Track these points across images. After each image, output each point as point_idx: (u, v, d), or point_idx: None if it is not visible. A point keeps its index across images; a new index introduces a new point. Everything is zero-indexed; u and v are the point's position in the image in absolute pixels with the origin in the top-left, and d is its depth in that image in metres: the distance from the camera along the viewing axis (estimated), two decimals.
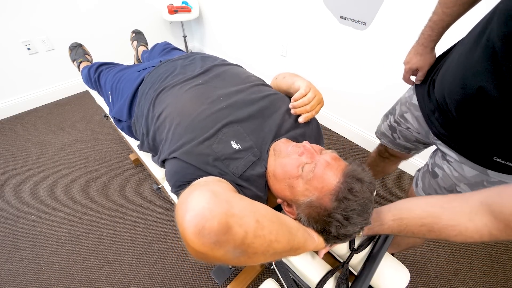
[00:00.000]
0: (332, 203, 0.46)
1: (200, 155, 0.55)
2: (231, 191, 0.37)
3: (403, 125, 0.84)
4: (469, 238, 0.43)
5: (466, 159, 0.61)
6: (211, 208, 0.30)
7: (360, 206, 0.46)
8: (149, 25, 2.36)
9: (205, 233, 0.29)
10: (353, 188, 0.45)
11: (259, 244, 0.33)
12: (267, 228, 0.35)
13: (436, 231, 0.46)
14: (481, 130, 0.55)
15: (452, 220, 0.44)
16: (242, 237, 0.31)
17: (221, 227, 0.30)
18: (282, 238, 0.37)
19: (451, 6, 0.65)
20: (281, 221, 0.39)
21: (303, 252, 0.47)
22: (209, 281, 1.11)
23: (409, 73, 0.81)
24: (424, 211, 0.49)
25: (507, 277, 1.13)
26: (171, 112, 0.65)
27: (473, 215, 0.42)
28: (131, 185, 1.49)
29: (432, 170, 0.72)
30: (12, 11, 1.69)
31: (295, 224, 0.45)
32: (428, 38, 0.73)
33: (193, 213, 0.30)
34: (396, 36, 1.25)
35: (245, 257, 0.34)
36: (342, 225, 0.47)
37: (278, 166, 0.55)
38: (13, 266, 1.14)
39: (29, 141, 1.75)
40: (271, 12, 1.79)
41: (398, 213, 0.54)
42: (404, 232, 0.52)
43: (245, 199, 0.37)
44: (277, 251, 0.37)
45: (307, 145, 0.54)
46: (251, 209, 0.35)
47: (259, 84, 0.73)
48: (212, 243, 0.30)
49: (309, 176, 0.49)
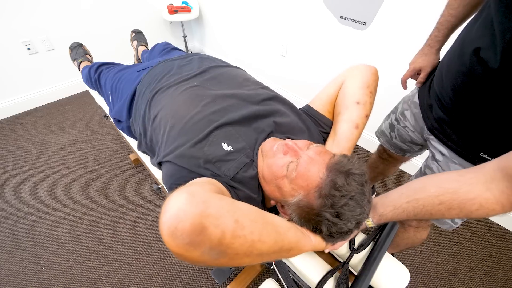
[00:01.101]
0: (317, 201, 0.44)
1: (191, 158, 0.55)
2: (212, 192, 0.36)
3: (402, 123, 0.85)
4: (491, 211, 0.40)
5: (455, 154, 0.63)
6: (185, 209, 0.30)
7: (350, 200, 0.43)
8: (149, 25, 2.36)
9: (178, 234, 0.29)
10: (336, 182, 0.43)
11: (239, 245, 0.32)
12: (248, 228, 0.34)
13: (456, 208, 0.43)
14: (473, 120, 0.57)
15: (470, 193, 0.42)
16: (219, 238, 0.31)
17: (194, 228, 0.29)
18: (267, 238, 0.36)
19: (455, 7, 0.67)
20: (266, 221, 0.38)
21: (299, 252, 0.45)
22: (209, 281, 1.11)
23: (411, 73, 0.82)
24: (440, 187, 0.46)
25: (507, 277, 1.13)
26: (166, 114, 0.65)
27: (489, 184, 0.40)
28: (131, 185, 1.49)
29: (423, 172, 0.75)
30: (12, 11, 1.69)
31: (285, 224, 0.43)
32: (434, 39, 0.75)
33: (168, 215, 0.30)
34: (396, 36, 1.25)
35: (225, 259, 0.33)
36: (333, 222, 0.44)
37: (265, 167, 0.53)
38: (13, 266, 1.14)
39: (29, 141, 1.75)
40: (271, 12, 1.79)
41: (412, 194, 0.50)
42: (421, 215, 0.49)
43: (225, 199, 0.35)
44: (263, 252, 0.36)
45: (290, 142, 0.51)
46: (229, 209, 0.33)
47: (257, 88, 0.72)
48: (186, 244, 0.29)
49: (293, 175, 0.47)
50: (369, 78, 0.65)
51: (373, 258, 0.59)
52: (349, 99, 0.64)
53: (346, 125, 0.63)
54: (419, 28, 1.16)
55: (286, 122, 0.65)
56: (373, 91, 0.65)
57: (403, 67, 0.84)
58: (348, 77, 0.67)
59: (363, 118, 0.63)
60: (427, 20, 1.12)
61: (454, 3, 0.67)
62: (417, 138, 0.81)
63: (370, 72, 0.65)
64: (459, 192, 0.43)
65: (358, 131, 0.62)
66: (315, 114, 0.71)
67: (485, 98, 0.52)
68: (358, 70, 0.66)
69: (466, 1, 0.66)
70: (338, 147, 0.62)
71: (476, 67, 0.51)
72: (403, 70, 0.85)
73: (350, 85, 0.65)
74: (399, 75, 0.86)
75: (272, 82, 2.14)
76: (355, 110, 0.63)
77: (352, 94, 0.64)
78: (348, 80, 0.66)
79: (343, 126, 0.63)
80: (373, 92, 0.65)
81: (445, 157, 0.66)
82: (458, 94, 0.58)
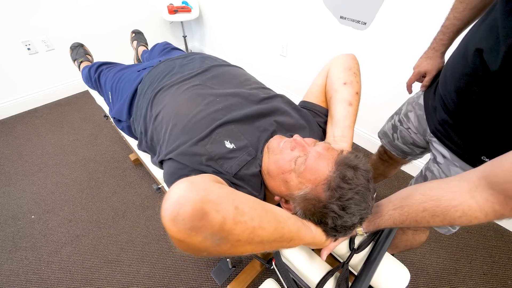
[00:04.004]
0: (326, 193, 0.46)
1: (194, 155, 0.56)
2: (212, 181, 0.37)
3: (405, 125, 0.85)
4: (474, 219, 0.40)
5: (457, 157, 0.63)
6: (186, 195, 0.31)
7: (356, 194, 0.45)
8: (149, 25, 2.36)
9: (180, 219, 0.30)
10: (345, 175, 0.44)
11: (240, 231, 0.33)
12: (248, 215, 0.34)
13: (439, 215, 0.44)
14: (475, 122, 0.57)
15: (453, 200, 0.42)
16: (221, 223, 0.31)
17: (196, 212, 0.30)
18: (267, 225, 0.37)
19: (461, 11, 0.67)
20: (265, 209, 0.39)
21: (300, 243, 0.46)
22: (209, 281, 1.11)
23: (416, 77, 0.82)
24: (424, 195, 0.47)
25: (507, 277, 1.13)
26: (168, 113, 0.66)
27: (474, 192, 0.40)
28: (131, 185, 1.49)
29: (424, 174, 0.75)
30: (12, 11, 1.69)
31: (285, 213, 0.44)
32: (440, 42, 0.74)
33: (170, 201, 0.31)
34: (396, 36, 1.25)
35: (227, 245, 0.33)
36: (339, 215, 0.45)
37: (271, 163, 0.54)
38: (13, 266, 1.14)
39: (29, 141, 1.75)
40: (271, 12, 1.79)
41: (398, 202, 0.52)
42: (407, 222, 0.50)
43: (225, 187, 0.36)
44: (264, 239, 0.37)
45: (298, 138, 0.53)
46: (229, 196, 0.34)
47: (258, 87, 0.73)
48: (188, 229, 0.30)
49: (301, 168, 0.48)
50: (350, 62, 0.69)
51: (373, 258, 0.59)
52: (336, 82, 0.68)
53: (340, 105, 0.65)
54: (419, 28, 1.16)
55: (288, 120, 0.66)
56: (356, 72, 0.68)
57: (403, 67, 0.84)
58: (331, 66, 0.72)
59: (354, 95, 0.65)
60: (427, 20, 1.12)
61: (460, 6, 0.67)
62: (419, 140, 0.81)
63: (349, 57, 0.71)
64: (442, 199, 0.44)
65: (352, 107, 0.64)
66: (311, 106, 0.74)
67: (486, 100, 0.52)
68: (338, 58, 0.72)
69: (472, 5, 0.65)
70: (338, 127, 0.64)
71: (479, 68, 0.51)
72: (403, 70, 0.86)
73: (334, 71, 0.69)
74: (399, 75, 0.86)
75: (272, 82, 2.14)
76: (345, 90, 0.66)
77: (338, 78, 0.68)
78: (332, 68, 0.71)
79: (338, 106, 0.65)
80: (356, 73, 0.68)
81: (447, 160, 0.66)
82: (461, 96, 0.58)
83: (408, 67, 0.84)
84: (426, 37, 0.79)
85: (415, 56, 0.83)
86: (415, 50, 0.81)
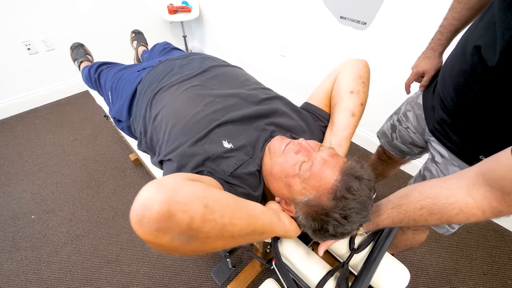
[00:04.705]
0: (330, 202, 0.46)
1: (192, 156, 0.56)
2: (185, 180, 0.37)
3: (404, 124, 0.85)
4: (471, 216, 0.40)
5: (455, 156, 0.63)
6: (153, 197, 0.31)
7: (359, 204, 0.45)
8: (149, 25, 2.36)
9: (145, 221, 0.30)
10: (351, 186, 0.45)
11: (209, 228, 0.34)
12: (218, 212, 0.35)
13: (437, 213, 0.44)
14: (473, 121, 0.57)
15: (450, 197, 0.42)
16: (188, 223, 0.32)
17: (161, 215, 0.30)
18: (239, 221, 0.38)
19: (459, 10, 0.67)
20: (238, 204, 0.40)
21: (272, 235, 0.47)
22: (209, 281, 1.11)
23: (414, 77, 0.82)
24: (421, 193, 0.47)
25: (507, 277, 1.13)
26: (167, 113, 0.66)
27: (471, 189, 0.40)
28: (131, 185, 1.49)
29: (422, 174, 0.75)
30: (12, 11, 1.69)
31: (260, 208, 0.45)
32: (438, 42, 0.75)
33: (136, 204, 0.31)
34: (396, 36, 1.25)
35: (197, 243, 0.34)
36: (340, 223, 0.46)
37: (274, 165, 0.54)
38: (13, 266, 1.14)
39: (29, 141, 1.75)
40: (271, 12, 1.79)
41: (397, 201, 0.52)
42: (405, 221, 0.50)
43: (196, 185, 0.36)
44: (235, 234, 0.37)
45: (303, 142, 0.52)
46: (199, 195, 0.35)
47: (258, 88, 0.73)
48: (154, 231, 0.30)
49: (306, 175, 0.48)
50: (360, 70, 0.67)
51: (373, 258, 0.59)
52: (343, 89, 0.66)
53: (343, 114, 0.65)
54: (419, 28, 1.16)
55: (287, 121, 0.66)
56: (365, 81, 0.67)
57: (403, 67, 0.84)
58: (341, 71, 0.70)
59: (359, 106, 0.65)
60: (427, 20, 1.12)
61: (458, 6, 0.67)
62: (418, 139, 0.81)
63: (361, 64, 0.68)
64: (439, 196, 0.44)
65: (355, 119, 0.64)
66: (314, 109, 0.73)
67: (485, 97, 0.52)
68: (350, 63, 0.70)
69: (469, 5, 0.65)
70: (336, 136, 0.64)
71: (477, 65, 0.51)
72: (403, 70, 0.86)
73: (343, 77, 0.68)
74: (399, 75, 0.86)
75: (272, 82, 2.14)
76: (350, 99, 0.65)
77: (346, 85, 0.66)
78: (341, 73, 0.70)
79: (340, 115, 0.65)
80: (365, 82, 0.67)
81: (445, 159, 0.66)
82: (460, 94, 0.58)
83: (408, 67, 0.84)
84: (426, 37, 0.79)
85: (415, 56, 0.83)
86: (415, 50, 0.81)
